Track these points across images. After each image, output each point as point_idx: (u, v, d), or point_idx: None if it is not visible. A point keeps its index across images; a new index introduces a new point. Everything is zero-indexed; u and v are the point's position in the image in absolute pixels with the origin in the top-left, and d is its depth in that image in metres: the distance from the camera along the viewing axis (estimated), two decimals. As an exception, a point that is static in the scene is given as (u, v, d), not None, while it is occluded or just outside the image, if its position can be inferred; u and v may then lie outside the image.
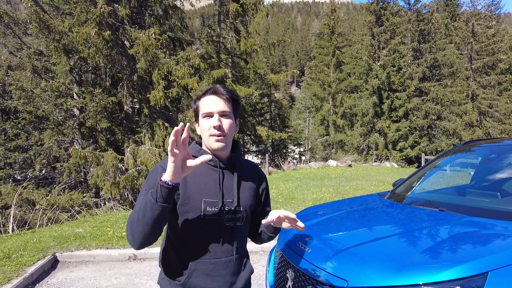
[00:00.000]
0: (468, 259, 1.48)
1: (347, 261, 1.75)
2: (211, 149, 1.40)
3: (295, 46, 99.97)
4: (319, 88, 27.43)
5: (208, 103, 1.38)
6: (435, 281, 1.42)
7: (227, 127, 1.37)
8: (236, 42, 15.75)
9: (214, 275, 1.38)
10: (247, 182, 1.50)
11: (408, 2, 26.24)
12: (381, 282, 1.53)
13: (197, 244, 1.38)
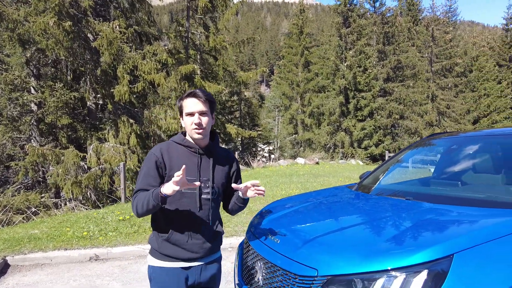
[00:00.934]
0: (433, 243, 1.49)
1: (316, 251, 1.72)
2: (193, 138, 1.84)
3: (265, 46, 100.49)
4: (288, 87, 27.70)
5: (190, 104, 1.80)
6: (403, 266, 1.42)
7: (205, 123, 1.80)
8: (205, 38, 15.51)
9: (193, 232, 1.83)
10: (221, 165, 1.94)
11: (374, 5, 27.14)
12: (350, 269, 1.51)
13: (180, 210, 1.80)
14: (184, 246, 1.80)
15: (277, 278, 1.80)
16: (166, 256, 1.82)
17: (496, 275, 1.43)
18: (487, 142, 2.82)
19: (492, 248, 1.50)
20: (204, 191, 1.83)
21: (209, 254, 1.91)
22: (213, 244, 1.90)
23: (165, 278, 1.84)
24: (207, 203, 1.85)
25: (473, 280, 1.40)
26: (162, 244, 1.82)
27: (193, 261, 1.85)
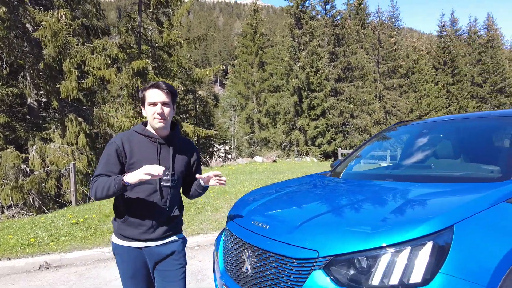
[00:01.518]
0: (434, 215, 1.49)
1: (313, 232, 1.64)
2: (154, 128, 1.92)
3: (218, 46, 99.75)
4: (243, 86, 27.69)
5: (153, 94, 1.87)
6: (408, 239, 1.39)
7: (167, 113, 1.89)
8: (158, 34, 14.91)
9: (148, 216, 1.90)
10: (181, 154, 2.01)
11: (325, 8, 28.07)
12: (354, 247, 1.45)
13: (138, 192, 1.88)
14: (140, 228, 1.91)
15: (270, 265, 1.69)
16: (122, 235, 1.95)
17: (493, 242, 1.46)
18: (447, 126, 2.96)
19: (485, 218, 1.53)
20: (163, 178, 1.87)
21: (165, 236, 1.98)
22: (169, 226, 1.98)
23: (125, 255, 1.97)
24: (166, 190, 1.93)
25: (475, 248, 1.41)
26: (120, 225, 1.95)
27: (149, 241, 1.94)
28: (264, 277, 1.71)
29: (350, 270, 1.44)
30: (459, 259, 1.35)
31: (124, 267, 1.98)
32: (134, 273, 1.96)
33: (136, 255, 1.95)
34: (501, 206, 1.62)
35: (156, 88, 1.88)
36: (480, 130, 2.57)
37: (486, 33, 36.72)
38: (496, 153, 2.31)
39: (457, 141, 2.69)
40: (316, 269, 1.48)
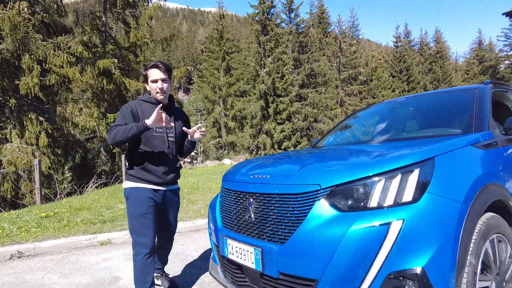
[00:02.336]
0: (419, 149, 1.73)
1: (313, 172, 1.83)
2: (156, 99, 2.51)
3: (181, 52, 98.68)
4: (210, 91, 27.69)
5: (154, 73, 2.45)
6: (399, 167, 1.61)
7: (166, 88, 2.50)
8: (125, 34, 14.65)
9: (161, 164, 2.49)
10: (178, 119, 2.64)
11: (289, 16, 28.92)
12: (352, 177, 1.65)
13: (152, 146, 2.46)
14: (155, 173, 2.46)
15: (273, 205, 1.84)
16: (140, 179, 2.44)
17: (464, 171, 1.73)
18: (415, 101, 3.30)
19: (457, 154, 1.81)
20: (169, 135, 2.53)
21: (171, 183, 2.60)
22: (175, 174, 2.62)
23: (138, 195, 2.43)
24: (172, 144, 2.54)
25: (452, 175, 1.67)
26: (139, 171, 2.46)
27: (160, 185, 2.51)
28: (268, 218, 1.86)
29: (349, 197, 1.63)
30: (440, 182, 1.59)
31: (137, 205, 2.40)
32: (146, 211, 2.40)
33: (150, 196, 2.43)
34: (468, 148, 1.92)
35: (155, 68, 2.44)
36: (438, 103, 2.92)
37: (435, 45, 39.76)
38: (456, 119, 2.63)
39: (422, 112, 3.02)
40: (318, 200, 1.66)
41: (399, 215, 1.47)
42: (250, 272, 2.03)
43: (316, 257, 1.56)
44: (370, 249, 1.46)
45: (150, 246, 2.39)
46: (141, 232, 2.38)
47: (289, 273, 1.68)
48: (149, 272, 2.40)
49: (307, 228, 1.63)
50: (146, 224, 2.38)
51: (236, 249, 2.02)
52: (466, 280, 1.55)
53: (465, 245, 1.55)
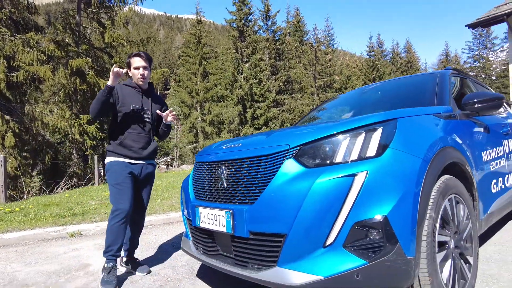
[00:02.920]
0: (382, 112, 1.82)
1: (283, 136, 1.88)
2: (137, 84, 2.82)
3: (158, 58, 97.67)
4: (187, 95, 27.52)
5: (136, 61, 2.78)
6: (363, 125, 1.70)
7: (146, 74, 2.81)
8: (100, 34, 14.38)
9: (137, 140, 2.76)
10: (155, 103, 2.93)
11: (266, 23, 29.33)
12: (318, 135, 1.71)
13: (129, 124, 2.75)
14: (131, 148, 2.74)
15: (245, 169, 1.88)
16: (119, 154, 2.72)
17: (424, 133, 1.84)
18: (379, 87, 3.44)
19: (419, 120, 1.91)
20: (145, 115, 2.82)
21: (147, 158, 2.85)
22: (150, 151, 2.85)
23: (117, 167, 2.70)
24: (148, 124, 2.83)
25: (413, 135, 1.77)
26: (116, 147, 2.72)
27: (137, 159, 2.77)
28: (239, 182, 1.89)
29: (316, 154, 1.69)
30: (402, 140, 1.68)
31: (116, 176, 2.67)
32: (123, 180, 2.66)
33: (126, 168, 2.70)
34: (429, 116, 2.04)
35: (138, 56, 2.78)
36: (405, 86, 3.07)
37: (406, 55, 41.44)
38: (420, 98, 2.76)
39: (390, 95, 3.14)
40: (287, 159, 1.71)
41: (363, 168, 1.54)
42: (221, 239, 2.05)
43: (283, 212, 1.60)
44: (336, 200, 1.52)
45: (126, 211, 2.62)
46: (118, 199, 2.64)
47: (259, 231, 1.71)
48: (120, 236, 2.64)
49: (275, 186, 1.67)
50: (123, 191, 2.64)
51: (207, 216, 2.03)
52: (426, 232, 1.63)
53: (426, 198, 1.63)
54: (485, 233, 3.42)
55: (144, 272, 2.84)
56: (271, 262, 1.69)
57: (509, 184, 2.86)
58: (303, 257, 1.57)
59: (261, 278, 1.67)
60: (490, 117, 2.96)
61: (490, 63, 44.16)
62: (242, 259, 1.85)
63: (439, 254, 1.72)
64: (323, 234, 1.53)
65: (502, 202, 2.63)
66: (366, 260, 1.48)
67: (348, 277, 1.48)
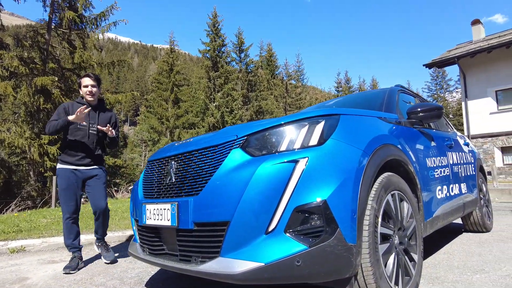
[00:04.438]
0: (328, 108, 1.88)
1: (233, 128, 1.90)
2: (87, 101, 3.32)
3: (130, 85, 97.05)
4: (157, 121, 27.19)
5: (86, 80, 3.31)
6: (307, 117, 1.75)
7: (95, 91, 3.33)
8: (69, 54, 14.16)
9: (81, 150, 3.26)
10: (103, 117, 3.42)
11: (239, 56, 30.21)
12: (266, 126, 1.75)
13: (76, 136, 3.24)
14: (75, 156, 3.25)
15: (193, 161, 1.86)
16: (65, 162, 3.25)
17: (366, 130, 1.92)
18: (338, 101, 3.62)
19: (363, 119, 2.01)
20: (91, 129, 3.32)
21: (90, 164, 3.33)
22: (93, 159, 3.35)
23: (62, 173, 3.23)
24: (93, 136, 3.33)
25: (355, 130, 1.84)
26: (64, 155, 3.27)
27: (80, 166, 3.28)
28: (187, 175, 1.86)
29: (262, 143, 1.71)
30: (344, 133, 1.74)
31: (62, 182, 3.19)
32: (68, 186, 3.18)
33: (71, 174, 3.21)
34: (374, 118, 2.15)
35: (87, 77, 3.34)
36: (359, 99, 3.24)
37: (372, 92, 43.65)
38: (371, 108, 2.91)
39: (347, 105, 3.29)
40: (234, 149, 1.72)
41: (305, 154, 1.57)
42: (167, 236, 1.98)
43: (226, 199, 1.59)
44: (278, 186, 1.52)
45: (71, 212, 3.18)
46: (65, 202, 3.18)
47: (203, 220, 1.67)
48: (73, 231, 3.22)
49: (220, 174, 1.66)
50: (68, 195, 3.18)
51: (153, 211, 1.97)
52: (368, 222, 1.66)
53: (366, 188, 1.67)
54: (436, 243, 3.52)
55: (108, 260, 3.36)
56: (214, 253, 1.64)
57: (454, 193, 3.00)
58: (246, 245, 1.54)
59: (203, 270, 1.61)
60: (435, 131, 3.15)
61: (447, 102, 47.43)
62: (186, 253, 1.79)
63: (382, 246, 1.74)
64: (265, 220, 1.52)
65: (446, 208, 2.74)
66: (307, 245, 1.47)
67: (289, 263, 1.46)
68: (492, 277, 2.32)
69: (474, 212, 3.88)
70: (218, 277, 1.55)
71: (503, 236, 3.84)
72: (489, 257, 2.90)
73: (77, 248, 3.23)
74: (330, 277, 1.53)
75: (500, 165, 15.47)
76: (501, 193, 8.69)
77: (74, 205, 3.19)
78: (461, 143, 3.81)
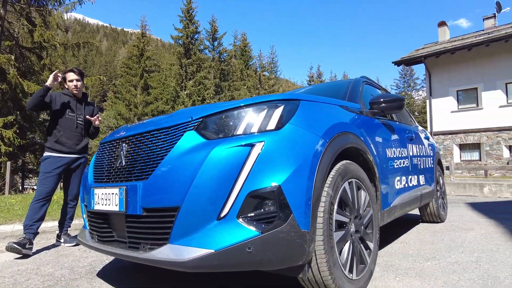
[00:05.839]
0: (281, 95, 1.83)
1: (188, 110, 1.80)
2: (72, 93, 3.53)
3: (98, 70, 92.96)
4: (124, 108, 26.29)
5: (70, 75, 3.51)
6: (267, 100, 1.69)
7: (79, 85, 3.54)
8: (28, 32, 13.27)
9: (70, 138, 3.44)
10: (88, 109, 3.65)
11: (213, 44, 29.69)
12: (222, 108, 1.67)
13: (64, 125, 3.43)
14: (65, 144, 3.40)
15: (144, 144, 1.76)
16: (54, 149, 3.37)
17: (325, 117, 1.89)
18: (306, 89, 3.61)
19: (326, 107, 1.97)
20: (78, 119, 3.52)
21: (79, 152, 3.53)
22: (82, 147, 3.54)
23: (51, 160, 3.35)
24: (80, 125, 3.54)
25: (314, 116, 1.81)
26: (53, 144, 3.38)
27: (69, 153, 3.43)
28: (137, 158, 1.75)
29: (218, 126, 1.63)
30: (302, 118, 1.70)
31: (47, 167, 3.30)
32: (52, 170, 3.30)
33: (59, 162, 3.35)
34: (335, 106, 2.13)
35: (71, 72, 3.53)
36: (326, 88, 3.22)
37: (343, 87, 44.51)
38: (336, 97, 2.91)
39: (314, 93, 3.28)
40: (188, 131, 1.63)
41: (261, 138, 1.51)
42: (116, 222, 1.87)
43: (177, 184, 1.50)
44: (232, 170, 1.46)
45: (43, 194, 3.24)
46: (41, 184, 3.26)
47: (152, 206, 1.58)
48: (37, 213, 3.21)
49: (171, 157, 1.57)
50: (47, 179, 3.28)
51: (101, 196, 1.85)
52: (323, 209, 1.63)
53: (322, 174, 1.64)
54: (393, 233, 3.62)
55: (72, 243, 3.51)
56: (163, 240, 1.55)
57: (412, 184, 3.07)
58: (196, 231, 1.46)
59: (150, 258, 1.52)
60: (398, 123, 3.21)
61: (413, 100, 49.33)
62: (135, 240, 1.69)
63: (337, 233, 1.73)
64: (217, 205, 1.45)
65: (404, 199, 2.80)
66: (259, 231, 1.42)
67: (240, 249, 1.40)
68: (442, 264, 2.40)
69: (430, 203, 4.02)
70: (166, 264, 1.47)
71: (455, 226, 4.02)
72: (440, 245, 3.01)
73: (32, 231, 3.17)
74: (283, 264, 1.49)
75: (458, 161, 16.33)
76: (456, 187, 9.15)
77: (51, 188, 3.28)
78: (422, 136, 3.92)
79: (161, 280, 2.30)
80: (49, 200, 3.30)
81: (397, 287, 1.96)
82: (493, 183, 8.84)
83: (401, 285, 1.99)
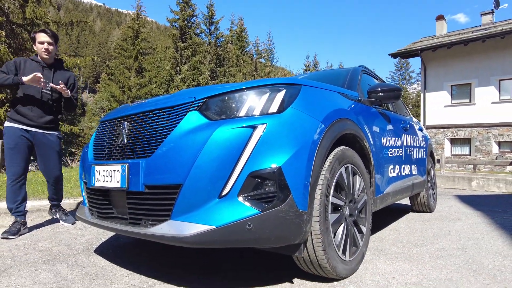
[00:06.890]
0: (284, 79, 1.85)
1: (191, 90, 1.82)
2: (42, 58, 3.07)
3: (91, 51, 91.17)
4: (118, 90, 25.97)
5: (41, 36, 3.03)
6: (270, 84, 1.72)
7: (51, 49, 3.07)
8: (19, 8, 12.93)
9: (32, 109, 3.01)
10: (59, 77, 3.15)
11: (209, 28, 29.30)
12: (225, 89, 1.69)
13: (27, 94, 2.99)
14: (26, 116, 3.00)
15: (147, 123, 1.78)
16: (14, 120, 2.99)
17: (326, 103, 1.93)
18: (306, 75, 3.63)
19: (324, 93, 2.00)
20: (45, 88, 3.03)
21: (44, 127, 3.09)
22: (47, 122, 3.10)
23: (11, 132, 2.97)
24: (46, 96, 3.07)
25: (315, 102, 1.84)
26: (13, 113, 2.99)
27: (31, 126, 3.03)
28: (139, 137, 1.77)
29: (221, 107, 1.66)
30: (304, 103, 1.74)
31: (9, 141, 2.94)
32: (16, 145, 2.95)
33: (21, 134, 2.97)
34: (334, 93, 2.16)
35: (43, 32, 3.05)
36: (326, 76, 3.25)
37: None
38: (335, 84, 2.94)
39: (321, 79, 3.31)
40: (191, 111, 1.65)
41: (263, 121, 1.55)
42: (117, 199, 1.90)
43: (180, 162, 1.53)
44: (234, 151, 1.49)
45: (17, 174, 2.96)
46: (11, 163, 2.95)
47: (154, 183, 1.61)
48: (18, 194, 2.99)
49: (174, 136, 1.60)
50: (14, 156, 2.94)
51: (103, 173, 1.87)
52: (320, 191, 1.69)
53: (321, 158, 1.69)
54: (384, 220, 3.72)
55: (69, 222, 3.40)
56: (164, 216, 1.59)
57: (405, 174, 3.15)
58: (198, 208, 1.50)
59: (152, 233, 1.57)
60: (394, 113, 3.26)
61: (408, 93, 49.58)
62: (136, 216, 1.73)
63: (332, 215, 1.79)
64: (219, 184, 1.49)
65: (397, 187, 2.88)
66: (259, 209, 1.47)
67: (240, 227, 1.45)
68: (429, 250, 2.50)
69: (421, 193, 4.12)
70: (167, 239, 1.52)
71: (443, 216, 4.14)
72: (429, 233, 3.11)
73: (21, 213, 3.02)
74: (280, 242, 1.55)
75: (448, 155, 16.59)
76: (446, 180, 9.34)
77: (21, 166, 2.97)
78: (416, 128, 3.99)
79: (159, 256, 2.36)
80: (25, 178, 3.03)
81: (387, 270, 2.04)
82: (481, 177, 9.05)
83: (391, 268, 2.08)
